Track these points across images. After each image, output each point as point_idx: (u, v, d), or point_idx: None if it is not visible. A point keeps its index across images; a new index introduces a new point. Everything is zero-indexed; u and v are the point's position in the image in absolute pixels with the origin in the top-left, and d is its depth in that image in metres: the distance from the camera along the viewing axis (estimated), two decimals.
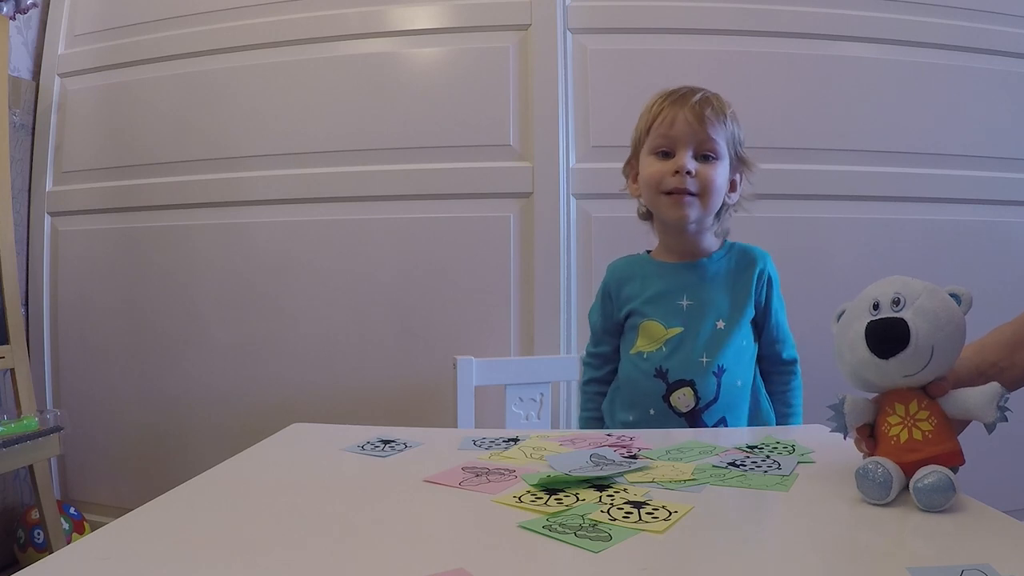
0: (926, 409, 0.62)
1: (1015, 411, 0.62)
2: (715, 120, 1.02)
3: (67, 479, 1.97)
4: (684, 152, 1.02)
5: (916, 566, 0.44)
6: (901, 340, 0.60)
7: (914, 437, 0.61)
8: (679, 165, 1.01)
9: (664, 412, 1.03)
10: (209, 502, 0.63)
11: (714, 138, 1.02)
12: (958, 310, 0.63)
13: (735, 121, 1.06)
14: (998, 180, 1.74)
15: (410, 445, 0.81)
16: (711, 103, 1.03)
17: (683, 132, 1.02)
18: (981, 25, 1.75)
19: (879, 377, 0.63)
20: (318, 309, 1.79)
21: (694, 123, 1.01)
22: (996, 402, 0.60)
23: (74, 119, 1.97)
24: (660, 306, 1.07)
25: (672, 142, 1.03)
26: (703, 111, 1.02)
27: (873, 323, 0.62)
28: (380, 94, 1.77)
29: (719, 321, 1.04)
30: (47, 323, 1.97)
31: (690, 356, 1.03)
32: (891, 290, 0.63)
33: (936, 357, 0.61)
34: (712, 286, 1.06)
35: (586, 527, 0.52)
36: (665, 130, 1.03)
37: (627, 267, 1.14)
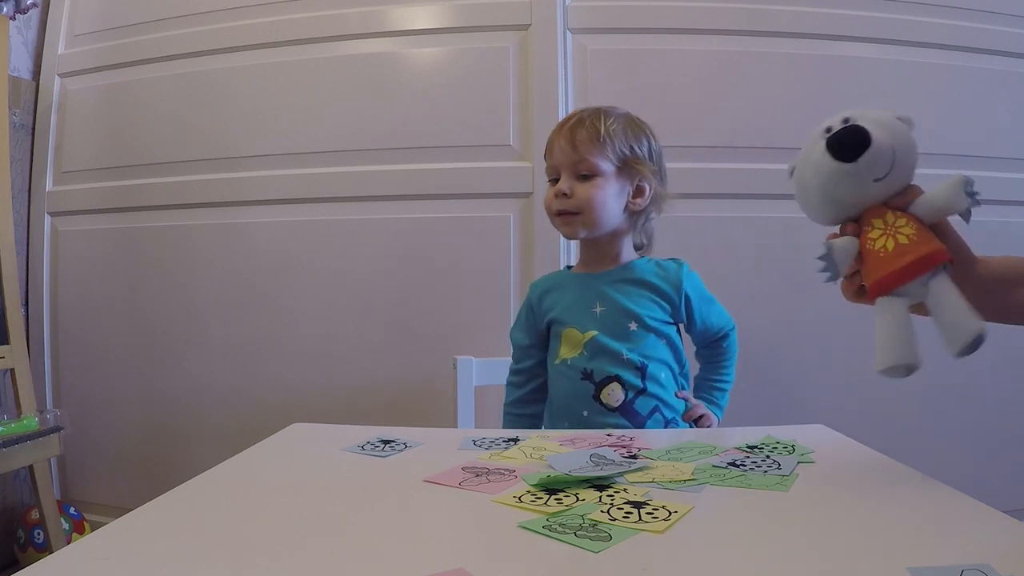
0: (903, 217, 0.63)
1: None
2: (588, 141, 1.08)
3: (67, 479, 1.97)
4: (564, 176, 1.10)
5: (916, 566, 0.44)
6: (863, 142, 0.62)
7: (900, 243, 0.61)
8: (558, 189, 1.09)
9: (597, 411, 1.07)
10: (209, 502, 0.63)
11: (588, 158, 1.08)
12: (906, 125, 0.66)
13: (623, 134, 1.10)
14: (998, 180, 1.74)
15: (410, 445, 0.81)
16: (584, 125, 1.09)
17: (559, 159, 1.10)
18: (981, 25, 1.75)
19: (852, 186, 0.63)
20: (318, 309, 1.79)
21: (567, 148, 1.09)
22: (963, 189, 0.61)
23: (74, 119, 1.97)
24: (576, 313, 1.12)
25: (554, 169, 1.12)
26: (574, 136, 1.09)
27: (833, 134, 0.63)
28: (380, 94, 1.77)
29: (631, 323, 1.09)
30: (47, 323, 1.97)
31: (611, 355, 1.08)
32: (840, 115, 0.65)
33: (898, 161, 0.63)
34: (622, 294, 1.11)
35: (586, 527, 0.52)
36: (549, 159, 1.13)
37: (547, 282, 1.21)
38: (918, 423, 1.69)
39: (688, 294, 1.12)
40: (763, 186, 1.69)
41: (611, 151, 1.09)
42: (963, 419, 1.72)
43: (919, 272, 0.60)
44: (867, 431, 1.11)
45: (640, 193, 1.12)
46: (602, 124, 1.09)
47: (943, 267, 0.61)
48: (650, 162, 1.12)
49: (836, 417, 1.07)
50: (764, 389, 1.65)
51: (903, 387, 1.71)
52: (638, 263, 1.15)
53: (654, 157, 1.14)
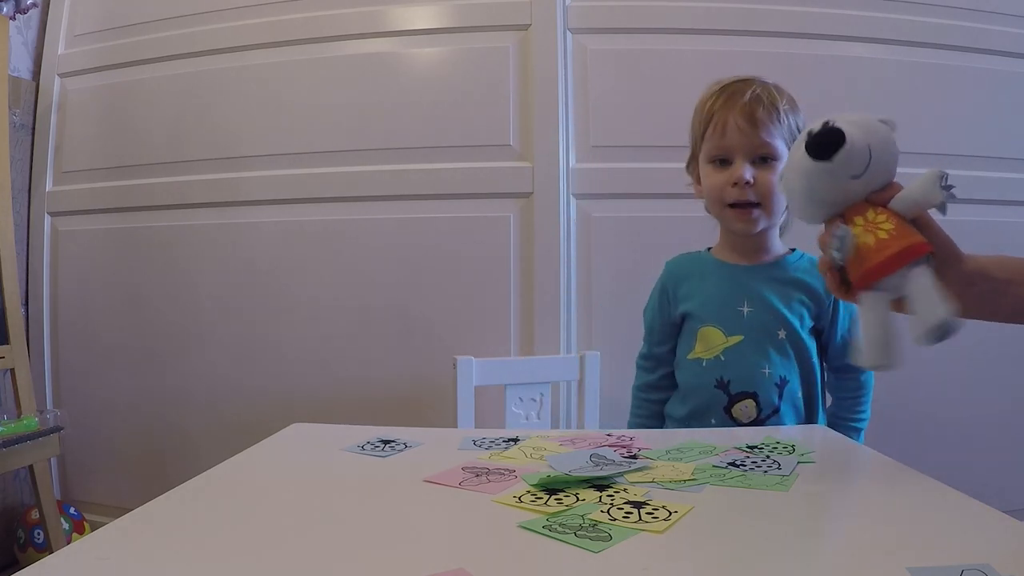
0: (883, 213, 0.65)
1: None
2: (768, 120, 0.97)
3: (67, 479, 1.97)
4: (741, 160, 0.98)
5: (916, 566, 0.44)
6: (838, 141, 0.65)
7: (880, 238, 0.63)
8: (737, 177, 0.97)
9: (725, 423, 1.00)
10: (209, 502, 0.62)
11: (769, 141, 0.97)
12: (886, 126, 0.68)
13: (791, 111, 1.01)
14: (998, 180, 1.74)
15: (410, 445, 0.81)
16: (762, 101, 0.98)
17: (736, 140, 0.98)
18: (981, 25, 1.75)
19: (830, 184, 0.66)
20: (318, 309, 1.79)
21: (746, 128, 0.97)
22: (938, 183, 0.63)
23: (74, 119, 1.97)
24: (719, 311, 1.03)
25: (727, 150, 0.99)
26: (754, 113, 0.97)
27: (810, 137, 0.66)
28: (380, 94, 1.77)
29: (780, 331, 1.00)
30: (47, 323, 1.97)
31: (752, 367, 1.00)
32: (821, 119, 0.67)
33: (875, 158, 0.65)
34: (775, 293, 1.02)
35: (586, 527, 0.52)
36: (718, 139, 0.99)
37: (686, 264, 1.11)
38: (918, 423, 1.69)
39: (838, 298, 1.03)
40: None
41: (786, 132, 0.98)
42: (963, 419, 1.72)
43: (899, 264, 0.62)
44: (867, 431, 1.11)
45: None
46: (778, 100, 0.99)
47: (925, 259, 0.63)
48: None
49: None
50: None
51: (903, 387, 1.71)
52: (791, 258, 1.05)
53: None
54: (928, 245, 0.63)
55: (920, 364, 1.69)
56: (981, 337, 1.68)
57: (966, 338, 1.67)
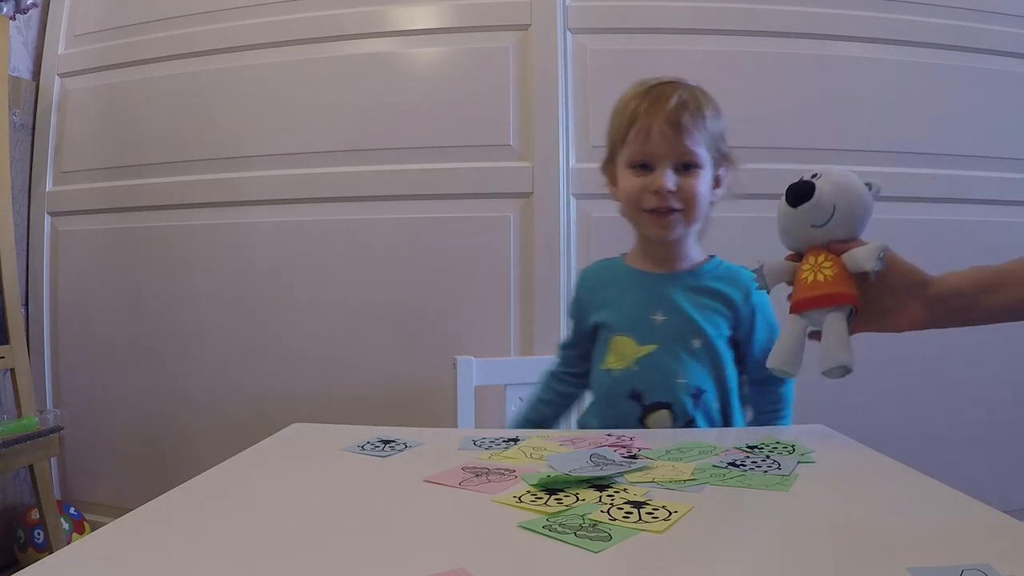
0: (830, 260, 0.78)
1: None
2: (693, 127, 0.94)
3: (67, 479, 1.97)
4: (663, 167, 0.94)
5: (916, 566, 0.44)
6: (807, 194, 0.78)
7: (817, 279, 0.78)
8: (659, 185, 0.94)
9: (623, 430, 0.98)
10: (209, 502, 0.62)
11: (693, 148, 0.94)
12: (864, 188, 0.79)
13: (716, 117, 0.98)
14: (998, 180, 1.74)
15: (410, 445, 0.81)
16: (688, 107, 0.95)
17: (660, 147, 0.94)
18: (981, 25, 1.75)
19: (795, 225, 0.80)
20: (318, 309, 1.79)
21: (671, 135, 0.93)
22: (876, 255, 0.75)
23: (74, 119, 1.97)
24: (631, 320, 1.00)
25: (649, 157, 0.95)
26: (680, 119, 0.93)
27: (789, 185, 0.80)
28: (380, 94, 1.77)
29: (696, 340, 0.98)
30: (47, 323, 1.97)
31: (666, 377, 0.97)
32: (814, 169, 0.81)
33: (837, 215, 0.78)
34: (690, 302, 0.99)
35: (586, 527, 0.52)
36: (641, 145, 0.96)
37: (599, 273, 1.10)
38: (918, 423, 1.69)
39: (756, 309, 0.99)
40: (763, 186, 1.68)
41: (710, 140, 0.96)
42: (963, 419, 1.72)
43: (820, 305, 0.77)
44: (867, 431, 1.11)
45: (718, 183, 1.00)
46: (704, 107, 0.96)
47: (846, 309, 0.77)
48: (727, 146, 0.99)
49: (836, 417, 1.07)
50: None
51: (903, 388, 1.71)
52: (708, 266, 1.02)
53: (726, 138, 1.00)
54: (852, 299, 0.76)
55: (920, 363, 1.69)
56: (981, 337, 1.68)
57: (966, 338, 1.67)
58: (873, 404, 1.67)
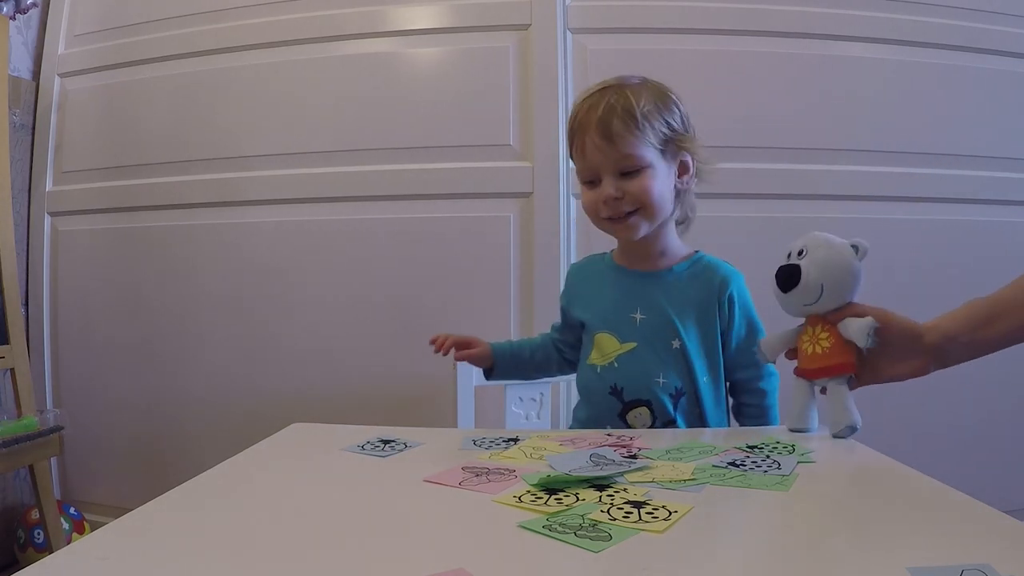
0: (827, 331, 0.83)
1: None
2: (625, 132, 0.92)
3: (67, 479, 1.97)
4: (607, 178, 0.94)
5: (916, 566, 0.44)
6: (794, 281, 0.82)
7: (816, 351, 0.84)
8: (604, 196, 0.94)
9: (622, 429, 0.97)
10: (209, 502, 0.63)
11: (630, 153, 0.93)
12: (850, 257, 0.82)
13: (657, 111, 0.95)
14: (998, 180, 1.74)
15: (410, 445, 0.81)
16: (616, 111, 0.93)
17: (597, 159, 0.94)
18: (981, 25, 1.75)
19: (789, 305, 0.85)
20: (318, 309, 1.79)
21: (604, 146, 0.93)
22: (867, 332, 0.79)
23: (74, 119, 1.97)
24: (612, 318, 1.01)
25: (592, 171, 0.96)
26: (609, 127, 0.92)
27: (777, 269, 0.85)
28: (380, 94, 1.77)
29: (675, 340, 0.98)
30: (47, 323, 1.97)
31: (645, 375, 0.98)
32: (800, 243, 0.85)
33: (826, 292, 0.82)
34: (669, 301, 0.99)
35: (586, 527, 0.52)
36: (581, 160, 0.97)
37: (585, 270, 1.11)
38: (918, 423, 1.69)
39: (734, 304, 0.99)
40: (763, 186, 1.69)
41: (652, 135, 0.93)
42: (963, 419, 1.72)
43: (821, 376, 0.84)
44: (867, 431, 1.11)
45: (685, 169, 0.98)
46: (635, 106, 0.93)
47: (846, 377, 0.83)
48: (686, 131, 0.98)
49: None
50: None
51: (903, 388, 1.71)
52: (688, 263, 1.02)
53: (687, 123, 0.99)
54: (850, 367, 0.82)
55: None
56: None
57: None
58: (873, 404, 1.67)
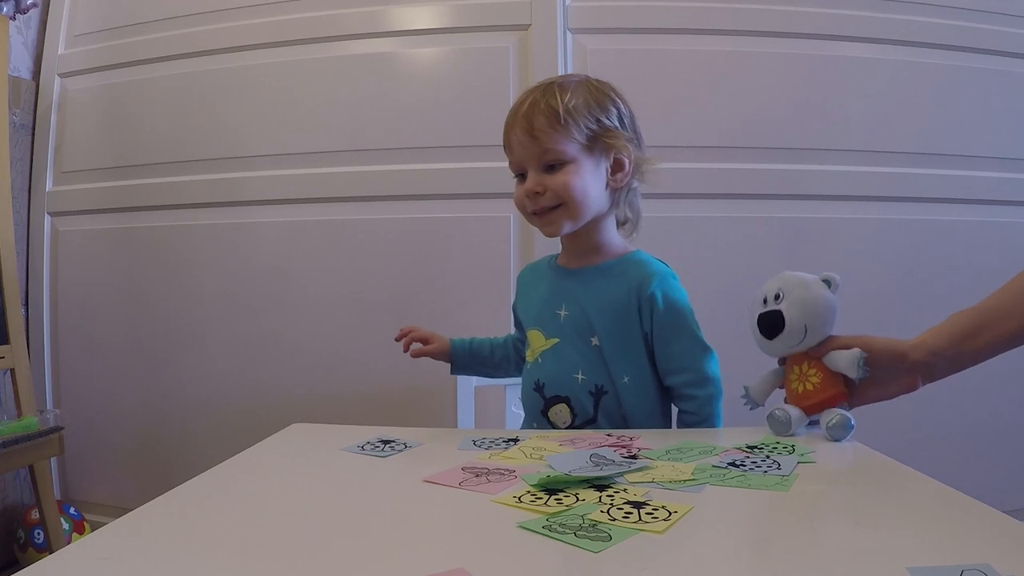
0: (814, 367, 0.86)
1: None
2: (548, 127, 0.93)
3: (67, 479, 1.97)
4: (531, 172, 0.96)
5: (916, 566, 0.44)
6: (779, 327, 0.85)
7: (807, 388, 0.85)
8: (527, 189, 0.96)
9: (544, 427, 0.99)
10: (209, 502, 0.63)
11: (552, 147, 0.93)
12: (825, 292, 0.85)
13: (586, 107, 0.96)
14: (997, 180, 1.74)
15: (410, 445, 0.81)
16: (538, 107, 0.94)
17: (520, 154, 0.96)
18: (981, 25, 1.75)
19: (775, 350, 0.88)
20: (318, 309, 1.79)
21: (526, 141, 0.95)
22: (857, 363, 0.81)
23: (74, 119, 1.97)
24: (540, 314, 1.02)
25: (519, 166, 0.98)
26: (532, 123, 0.94)
27: (759, 316, 0.87)
28: (380, 94, 1.77)
29: (593, 338, 0.97)
30: (47, 323, 1.97)
31: (563, 371, 0.98)
32: (775, 287, 0.86)
33: (810, 332, 0.84)
34: (589, 298, 0.98)
35: (586, 527, 0.52)
36: (510, 155, 0.99)
37: (528, 271, 1.14)
38: (918, 423, 1.69)
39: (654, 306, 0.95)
40: (763, 186, 1.69)
41: (576, 131, 0.94)
42: (963, 419, 1.72)
43: (818, 411, 0.85)
44: (867, 431, 1.11)
45: (619, 167, 0.97)
46: (559, 102, 0.94)
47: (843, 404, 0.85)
48: (623, 130, 0.98)
49: None
50: None
51: None
52: (619, 261, 1.00)
53: (626, 123, 0.99)
54: (842, 397, 0.85)
55: None
56: None
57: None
58: (873, 404, 1.67)
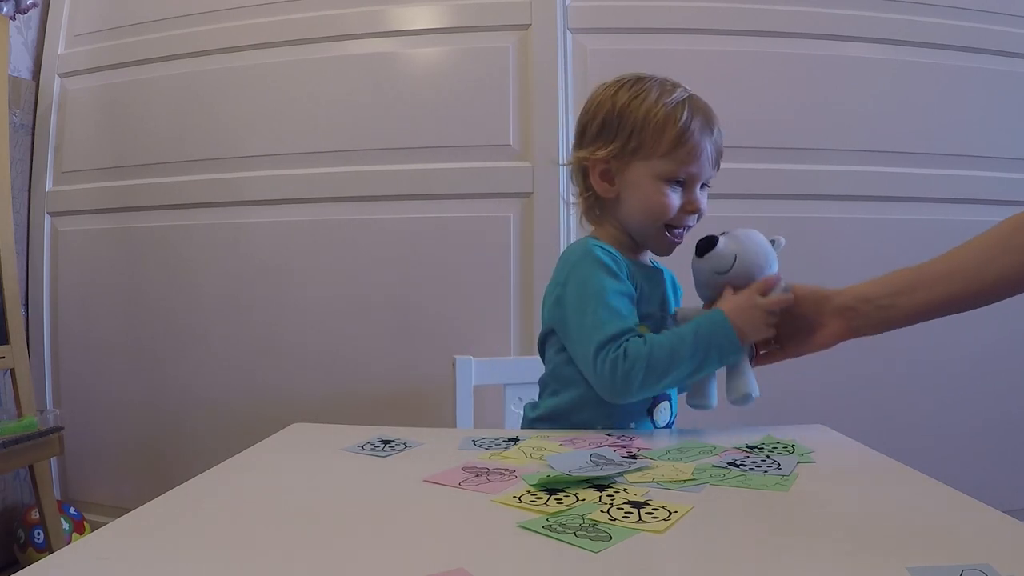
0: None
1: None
2: (723, 151, 0.97)
3: (67, 479, 1.97)
4: (696, 187, 0.95)
5: (916, 566, 0.43)
6: (711, 244, 0.90)
7: None
8: (696, 206, 0.95)
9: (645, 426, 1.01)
10: (209, 502, 0.62)
11: (715, 173, 0.98)
12: (764, 242, 0.91)
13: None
14: (997, 180, 1.74)
15: (410, 445, 0.81)
16: (720, 131, 0.97)
17: (704, 170, 0.95)
18: (981, 25, 1.75)
19: (701, 273, 0.91)
20: (318, 309, 1.79)
21: (713, 161, 0.96)
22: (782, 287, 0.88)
23: (74, 119, 1.97)
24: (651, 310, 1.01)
25: (692, 177, 0.95)
26: (720, 145, 0.96)
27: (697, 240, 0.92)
28: (380, 94, 1.77)
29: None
30: (47, 323, 1.97)
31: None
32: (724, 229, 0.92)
33: (739, 264, 0.88)
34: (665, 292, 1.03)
35: (586, 527, 0.52)
36: (688, 164, 0.93)
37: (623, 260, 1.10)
38: (918, 423, 1.69)
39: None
40: (764, 186, 1.69)
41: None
42: (963, 419, 1.72)
43: None
44: (867, 431, 1.11)
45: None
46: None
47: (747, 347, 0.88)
48: None
49: (836, 417, 1.07)
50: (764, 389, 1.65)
51: (903, 387, 1.71)
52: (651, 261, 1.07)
53: None
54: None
55: (920, 363, 1.69)
56: (980, 337, 1.68)
57: (965, 338, 1.67)
58: (873, 404, 1.67)
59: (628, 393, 0.87)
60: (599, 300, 0.90)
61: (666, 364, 0.87)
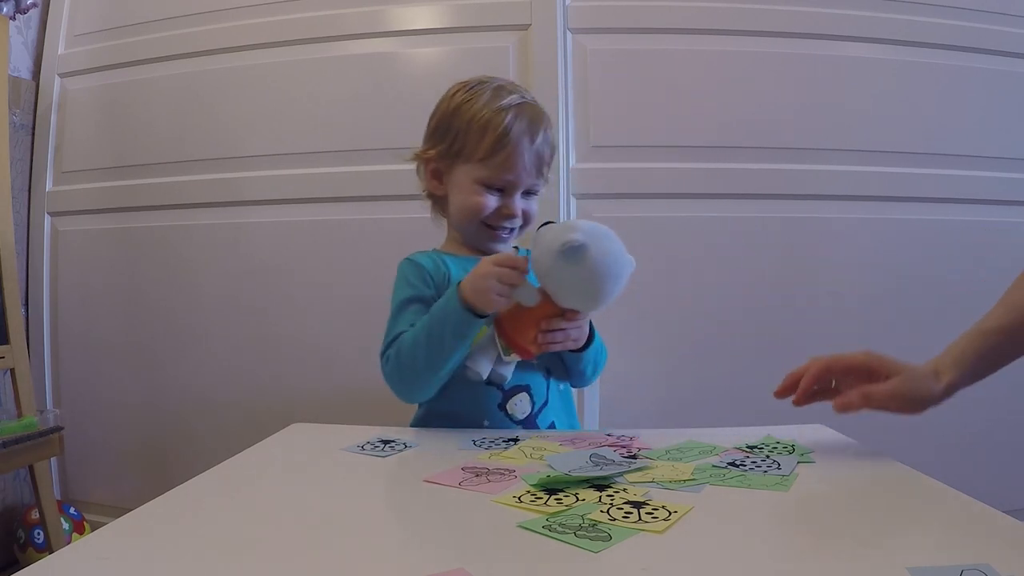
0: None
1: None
2: (549, 159, 0.98)
3: (67, 479, 1.97)
4: (517, 194, 0.97)
5: (916, 566, 0.44)
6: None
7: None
8: (512, 211, 0.97)
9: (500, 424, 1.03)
10: (209, 502, 0.63)
11: (541, 181, 0.99)
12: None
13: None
14: (998, 180, 1.74)
15: (410, 445, 0.81)
16: (550, 140, 0.97)
17: (523, 178, 0.96)
18: (981, 25, 1.75)
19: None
20: (318, 309, 1.79)
21: (532, 169, 0.96)
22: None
23: (74, 119, 1.97)
24: None
25: (509, 184, 0.97)
26: (544, 152, 0.96)
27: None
28: (380, 94, 1.77)
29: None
30: (47, 323, 1.97)
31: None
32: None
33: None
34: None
35: (586, 527, 0.52)
36: (505, 172, 0.96)
37: (453, 261, 1.14)
38: (918, 423, 1.68)
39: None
40: (763, 186, 1.69)
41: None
42: (963, 419, 1.72)
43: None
44: (867, 431, 1.11)
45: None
46: (554, 139, 0.99)
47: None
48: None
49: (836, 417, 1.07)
50: (763, 389, 1.65)
51: None
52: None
53: None
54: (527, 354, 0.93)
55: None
56: None
57: None
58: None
59: (403, 392, 0.94)
60: (392, 313, 0.99)
61: (410, 353, 0.89)
